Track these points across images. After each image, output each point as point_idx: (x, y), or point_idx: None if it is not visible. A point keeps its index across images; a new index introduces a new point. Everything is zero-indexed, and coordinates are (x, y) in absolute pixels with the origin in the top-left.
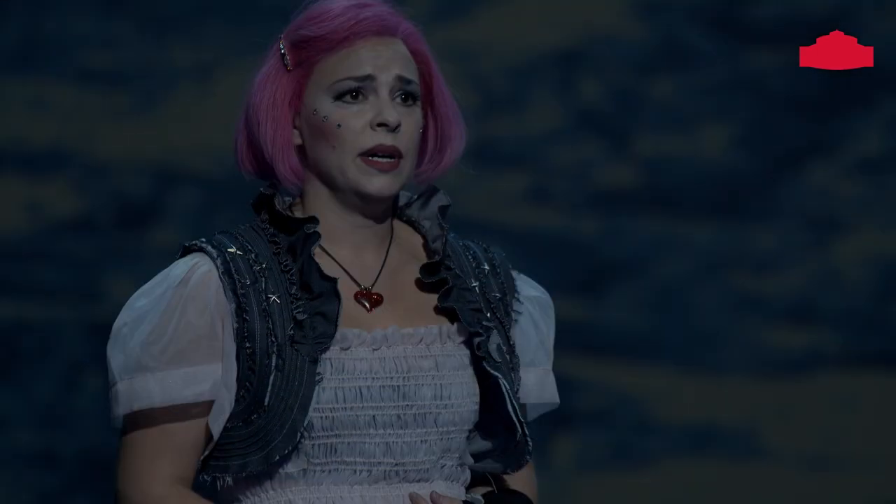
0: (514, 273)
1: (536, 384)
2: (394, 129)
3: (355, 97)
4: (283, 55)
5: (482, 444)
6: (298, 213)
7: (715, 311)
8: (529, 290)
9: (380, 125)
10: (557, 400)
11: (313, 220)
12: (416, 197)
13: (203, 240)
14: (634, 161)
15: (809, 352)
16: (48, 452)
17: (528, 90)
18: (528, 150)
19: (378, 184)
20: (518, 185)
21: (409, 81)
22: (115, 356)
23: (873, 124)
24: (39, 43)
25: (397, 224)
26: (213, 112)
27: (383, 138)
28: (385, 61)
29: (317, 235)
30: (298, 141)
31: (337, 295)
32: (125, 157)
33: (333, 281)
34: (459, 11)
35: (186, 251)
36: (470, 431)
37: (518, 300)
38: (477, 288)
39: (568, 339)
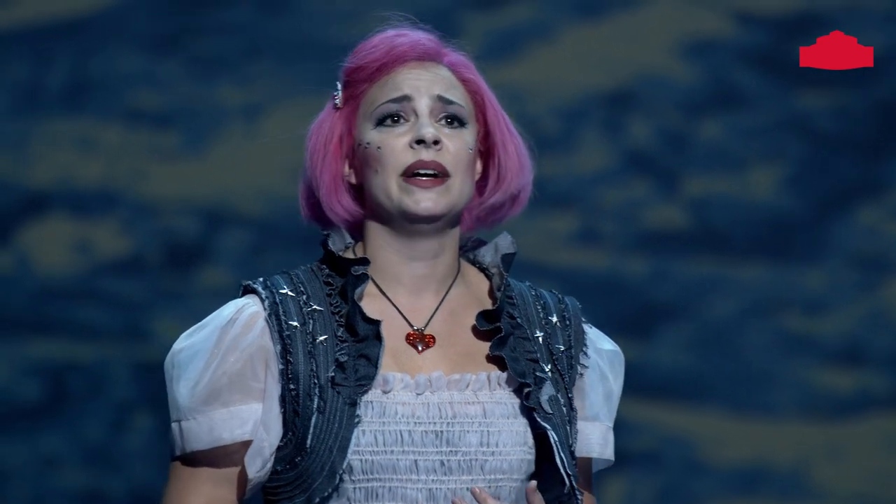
0: (587, 326)
1: (600, 440)
2: (432, 145)
3: (396, 120)
4: (336, 95)
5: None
6: (360, 254)
7: (764, 352)
8: (603, 344)
9: (418, 142)
10: (613, 458)
11: (363, 261)
12: (477, 242)
13: (260, 280)
14: (683, 202)
15: (859, 393)
16: (97, 492)
17: (576, 131)
18: (577, 190)
19: (423, 201)
20: (567, 226)
21: (450, 102)
22: (169, 396)
23: None
24: (88, 83)
25: (467, 267)
26: (261, 152)
27: (423, 154)
28: (424, 83)
29: (364, 277)
30: (354, 179)
31: (379, 338)
32: (174, 197)
33: (377, 324)
34: (508, 52)
35: (244, 292)
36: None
37: (586, 354)
38: (541, 338)
39: None
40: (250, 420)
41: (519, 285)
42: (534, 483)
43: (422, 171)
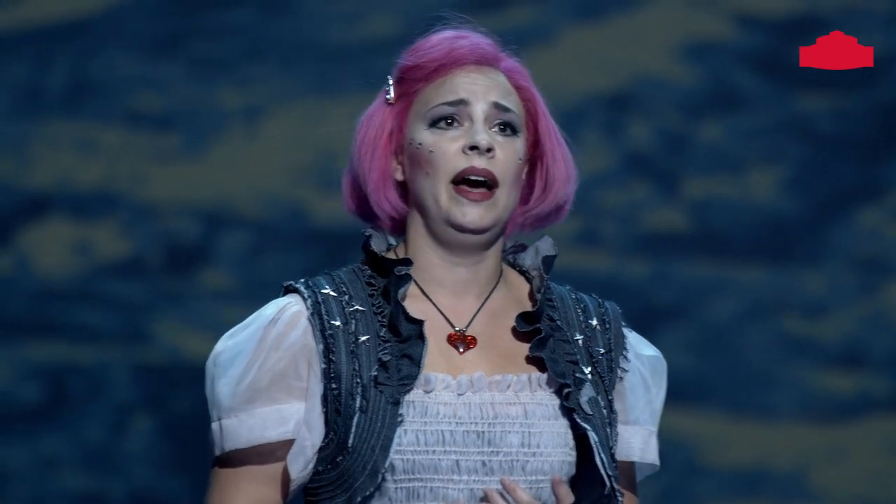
0: (627, 331)
1: (641, 444)
2: (485, 153)
3: (450, 123)
4: (388, 90)
5: (582, 502)
6: (402, 255)
7: (764, 354)
8: (644, 349)
9: (472, 148)
10: (658, 463)
11: (406, 262)
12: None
13: (301, 280)
14: (683, 204)
15: (859, 395)
16: (97, 494)
17: (577, 133)
18: (578, 193)
19: (470, 215)
20: (567, 228)
21: (506, 109)
22: (209, 397)
23: None
24: (88, 85)
25: (509, 270)
26: (261, 155)
27: (476, 161)
28: (481, 88)
29: (407, 277)
30: (400, 177)
31: (422, 338)
32: (174, 199)
33: (420, 323)
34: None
35: (286, 292)
36: (579, 490)
37: (626, 357)
38: (580, 341)
39: None
40: (292, 419)
41: (559, 289)
42: (558, 475)
43: (472, 178)
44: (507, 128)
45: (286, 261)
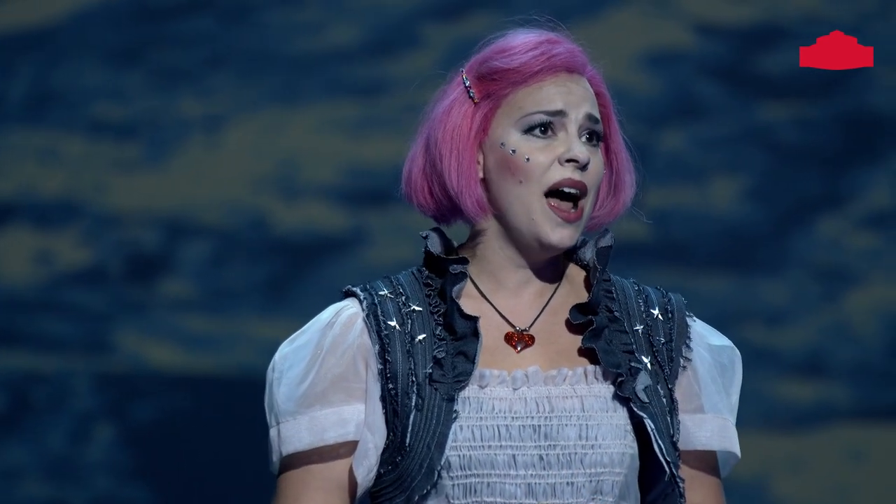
0: (692, 321)
1: (709, 433)
2: (583, 167)
3: (544, 132)
4: (468, 88)
5: (650, 493)
6: (466, 254)
7: None
8: (713, 339)
9: (569, 161)
10: (736, 451)
11: (462, 260)
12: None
13: (360, 284)
14: (644, 213)
15: (820, 405)
16: (58, 503)
17: None
18: None
19: (559, 234)
20: None
21: (596, 121)
22: (267, 403)
23: (884, 177)
24: (50, 95)
25: (571, 267)
26: (223, 164)
27: (571, 173)
28: (576, 98)
29: (462, 276)
30: (480, 175)
31: (476, 335)
32: (135, 208)
33: (474, 320)
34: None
35: (344, 296)
36: (646, 481)
37: (688, 346)
38: (640, 331)
39: None
40: (352, 421)
41: (622, 281)
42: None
43: (566, 190)
44: (594, 137)
45: (248, 270)
